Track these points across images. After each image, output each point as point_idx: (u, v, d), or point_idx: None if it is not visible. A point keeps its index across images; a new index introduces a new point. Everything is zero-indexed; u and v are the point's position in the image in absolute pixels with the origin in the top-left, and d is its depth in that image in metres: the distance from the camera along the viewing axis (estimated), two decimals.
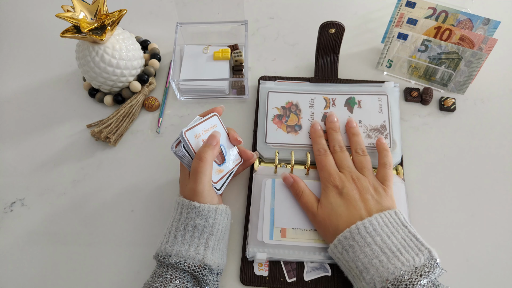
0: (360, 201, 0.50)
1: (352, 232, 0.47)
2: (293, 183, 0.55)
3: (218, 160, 0.53)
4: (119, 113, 0.65)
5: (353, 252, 0.46)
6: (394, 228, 0.47)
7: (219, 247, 0.49)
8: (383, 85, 0.64)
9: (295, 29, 0.75)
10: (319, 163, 0.56)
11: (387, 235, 0.46)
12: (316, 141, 0.58)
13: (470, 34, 0.60)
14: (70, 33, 0.59)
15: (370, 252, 0.45)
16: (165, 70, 0.72)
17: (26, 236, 0.58)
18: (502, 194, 0.58)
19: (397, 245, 0.45)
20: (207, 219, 0.48)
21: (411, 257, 0.44)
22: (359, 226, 0.47)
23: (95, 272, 0.55)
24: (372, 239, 0.46)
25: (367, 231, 0.47)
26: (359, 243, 0.46)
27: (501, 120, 0.64)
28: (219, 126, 0.54)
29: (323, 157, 0.56)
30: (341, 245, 0.48)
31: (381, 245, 0.45)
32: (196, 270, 0.46)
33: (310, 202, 0.53)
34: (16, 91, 0.71)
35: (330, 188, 0.52)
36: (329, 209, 0.51)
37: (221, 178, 0.53)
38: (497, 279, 0.52)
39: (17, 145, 0.66)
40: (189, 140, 0.50)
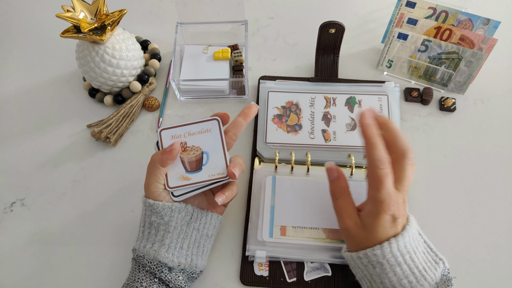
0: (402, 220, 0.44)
1: (384, 250, 0.43)
2: (335, 179, 0.48)
3: (190, 167, 0.49)
4: (119, 113, 0.65)
5: (381, 269, 0.43)
6: (417, 240, 0.45)
7: (180, 246, 0.48)
8: (383, 85, 0.64)
9: (295, 29, 0.75)
10: (378, 181, 0.43)
11: (414, 251, 0.44)
12: (374, 144, 0.43)
13: (470, 34, 0.60)
14: (70, 33, 0.59)
15: (400, 272, 0.43)
16: (165, 70, 0.72)
17: (26, 236, 0.58)
18: (502, 194, 0.58)
19: (422, 262, 0.44)
20: (162, 217, 0.47)
21: (433, 273, 0.44)
22: (393, 245, 0.43)
23: (95, 272, 0.55)
24: (403, 257, 0.43)
25: (399, 249, 0.43)
26: (389, 261, 0.43)
27: (501, 120, 0.64)
28: (214, 132, 0.50)
29: (385, 173, 0.43)
30: (367, 259, 0.44)
31: (410, 264, 0.43)
32: (152, 267, 0.46)
33: (347, 211, 0.46)
34: (16, 91, 0.71)
35: (384, 216, 0.43)
36: (372, 235, 0.44)
37: (182, 186, 0.48)
38: (497, 279, 0.52)
39: (17, 145, 0.66)
40: (162, 139, 0.49)
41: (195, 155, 0.49)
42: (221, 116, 0.50)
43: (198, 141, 0.50)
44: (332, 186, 0.48)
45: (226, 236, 0.56)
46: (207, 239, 0.51)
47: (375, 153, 0.43)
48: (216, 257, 0.55)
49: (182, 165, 0.49)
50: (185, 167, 0.49)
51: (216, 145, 0.49)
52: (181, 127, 0.50)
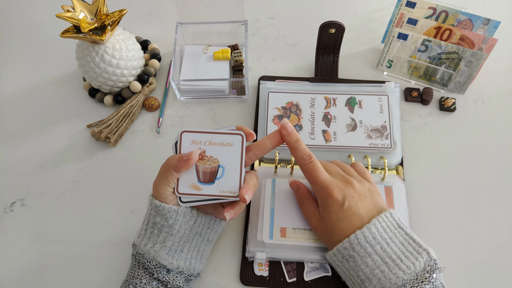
0: (362, 209, 0.47)
1: (351, 242, 0.45)
2: (296, 189, 0.54)
3: (204, 177, 0.48)
4: (119, 113, 0.65)
5: (354, 262, 0.45)
6: (392, 232, 0.46)
7: (181, 249, 0.48)
8: (383, 85, 0.64)
9: (295, 29, 0.75)
10: (309, 174, 0.48)
11: (386, 242, 0.45)
12: (295, 146, 0.48)
13: (470, 34, 0.60)
14: (70, 33, 0.59)
15: (371, 262, 0.44)
16: (165, 70, 0.72)
17: (26, 236, 0.58)
18: (502, 194, 0.58)
19: (396, 251, 0.45)
20: (167, 219, 0.47)
21: (411, 262, 0.44)
22: (359, 236, 0.45)
23: (95, 272, 0.55)
24: (372, 248, 0.45)
25: (367, 240, 0.45)
26: (359, 253, 0.45)
27: (501, 120, 0.64)
28: (236, 148, 0.47)
29: (311, 165, 0.48)
30: (340, 255, 0.46)
31: (381, 254, 0.44)
32: (151, 266, 0.46)
33: (311, 212, 0.51)
34: (16, 91, 0.71)
35: (329, 202, 0.47)
36: (330, 224, 0.48)
37: (191, 194, 0.47)
38: (497, 279, 0.52)
39: (17, 145, 0.66)
40: (182, 141, 0.47)
41: (211, 167, 0.48)
42: (246, 133, 0.48)
43: (217, 153, 0.48)
44: (297, 195, 0.54)
45: (226, 236, 0.56)
46: (207, 243, 0.51)
47: (298, 153, 0.48)
48: (216, 257, 0.55)
49: (196, 173, 0.48)
50: (198, 176, 0.48)
51: (234, 162, 0.48)
52: (203, 134, 0.48)
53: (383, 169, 0.57)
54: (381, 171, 0.58)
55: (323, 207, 0.48)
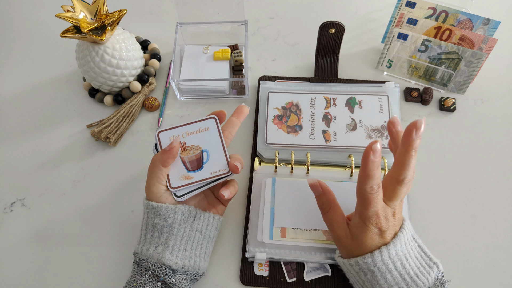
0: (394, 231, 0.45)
1: (374, 259, 0.44)
2: (321, 194, 0.48)
3: (191, 166, 0.49)
4: (119, 113, 0.65)
5: (372, 276, 0.44)
6: (409, 246, 0.46)
7: (184, 248, 0.48)
8: (383, 85, 0.64)
9: (295, 29, 0.75)
10: (367, 201, 0.43)
11: (405, 257, 0.44)
12: (372, 175, 0.43)
13: (470, 34, 0.60)
14: (70, 33, 0.59)
15: (391, 279, 0.44)
16: (165, 70, 0.72)
17: (26, 236, 0.58)
18: (502, 194, 0.58)
19: (413, 268, 0.44)
20: (166, 219, 0.47)
21: (426, 278, 0.44)
22: (383, 254, 0.43)
23: (95, 273, 0.55)
24: (394, 264, 0.44)
25: (390, 257, 0.44)
26: (380, 269, 0.44)
27: (501, 120, 0.64)
28: (212, 131, 0.50)
29: (375, 195, 0.43)
30: (358, 266, 0.45)
31: (401, 271, 0.44)
32: (156, 270, 0.46)
33: (337, 222, 0.47)
34: (16, 91, 0.71)
35: (371, 229, 0.44)
36: (361, 246, 0.45)
37: (184, 185, 0.48)
38: (497, 279, 0.52)
39: (17, 145, 0.66)
40: (160, 140, 0.50)
41: (195, 154, 0.49)
42: (217, 114, 0.51)
43: (197, 140, 0.50)
44: (319, 200, 0.48)
45: (226, 236, 0.56)
46: (209, 240, 0.51)
47: (369, 183, 0.43)
48: (216, 257, 0.55)
49: (183, 165, 0.49)
50: (186, 167, 0.49)
51: (215, 143, 0.50)
52: (178, 128, 0.50)
53: (383, 169, 0.57)
54: (381, 171, 0.58)
55: (361, 228, 0.44)
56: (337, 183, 0.56)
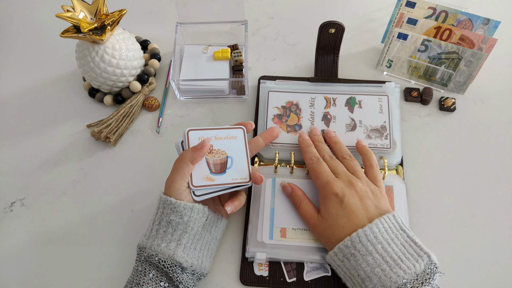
0: (362, 208, 0.48)
1: (353, 240, 0.46)
2: (291, 192, 0.54)
3: (215, 169, 0.51)
4: (119, 113, 0.65)
5: (355, 261, 0.46)
6: (394, 233, 0.47)
7: (194, 247, 0.49)
8: (383, 85, 0.64)
9: (295, 29, 0.75)
10: (314, 171, 0.52)
11: (388, 242, 0.46)
12: (306, 150, 0.55)
13: (470, 34, 0.60)
14: (70, 33, 0.59)
15: (372, 261, 0.45)
16: (165, 70, 0.72)
17: (26, 236, 0.58)
18: (502, 194, 0.58)
19: (397, 252, 0.45)
20: (182, 216, 0.48)
21: (412, 264, 0.44)
22: (360, 234, 0.46)
23: (95, 272, 0.55)
24: (374, 247, 0.45)
25: (368, 239, 0.46)
26: (360, 251, 0.45)
27: (501, 120, 0.64)
28: (239, 140, 0.53)
29: (317, 164, 0.53)
30: (341, 253, 0.47)
31: (382, 253, 0.45)
32: (166, 266, 0.46)
33: (309, 213, 0.52)
34: (16, 91, 0.71)
35: (329, 197, 0.49)
36: (330, 220, 0.49)
37: (205, 186, 0.50)
38: (497, 279, 0.52)
39: (17, 145, 0.66)
40: (189, 139, 0.51)
41: (220, 158, 0.51)
42: (245, 125, 0.54)
43: (223, 146, 0.52)
44: (291, 198, 0.54)
45: (226, 236, 0.56)
46: (215, 242, 0.53)
47: (308, 155, 0.55)
48: (216, 257, 0.55)
49: (207, 166, 0.50)
50: (209, 168, 0.51)
51: (240, 152, 0.52)
52: (208, 130, 0.52)
53: (383, 169, 0.57)
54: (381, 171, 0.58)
55: (323, 202, 0.50)
56: None
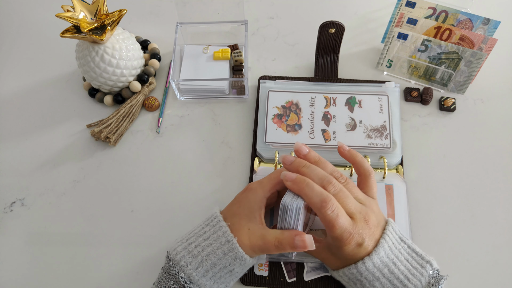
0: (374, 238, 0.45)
1: (359, 269, 0.44)
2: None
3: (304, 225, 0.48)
4: (119, 113, 0.65)
5: (361, 285, 0.45)
6: (397, 249, 0.45)
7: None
8: (383, 85, 0.64)
9: (295, 29, 0.75)
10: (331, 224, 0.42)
11: (393, 262, 0.44)
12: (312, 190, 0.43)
13: (470, 34, 0.60)
14: (70, 33, 0.59)
15: (380, 286, 0.44)
16: (165, 70, 0.72)
17: (26, 236, 0.58)
18: (502, 194, 0.58)
19: (403, 271, 0.44)
20: (243, 269, 0.46)
21: (418, 279, 0.44)
22: (367, 264, 0.43)
23: (95, 272, 0.55)
24: (380, 272, 0.44)
25: (375, 266, 0.44)
26: (367, 278, 0.44)
27: (501, 120, 0.64)
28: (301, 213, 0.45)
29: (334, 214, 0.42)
30: (347, 277, 0.46)
31: (389, 277, 0.44)
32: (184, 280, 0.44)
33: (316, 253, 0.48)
34: (16, 91, 0.71)
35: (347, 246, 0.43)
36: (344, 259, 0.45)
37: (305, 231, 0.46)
38: (497, 279, 0.52)
39: (17, 145, 0.66)
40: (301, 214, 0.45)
41: None
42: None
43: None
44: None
45: None
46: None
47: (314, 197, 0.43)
48: None
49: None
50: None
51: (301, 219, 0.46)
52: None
53: (383, 169, 0.57)
54: (381, 170, 0.58)
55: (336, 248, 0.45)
56: None
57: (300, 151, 0.48)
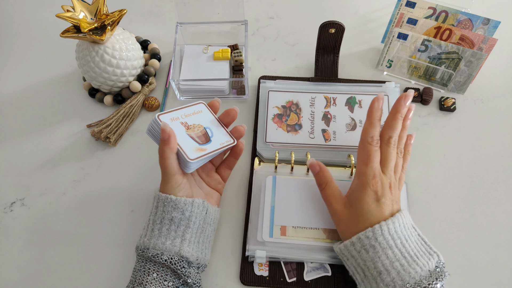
0: (390, 208, 0.48)
1: (375, 232, 0.45)
2: (318, 171, 0.52)
3: (200, 140, 0.51)
4: (119, 113, 0.65)
5: (374, 253, 0.45)
6: (409, 231, 0.47)
7: (197, 240, 0.50)
8: (383, 85, 0.64)
9: (295, 29, 0.75)
10: (366, 155, 0.48)
11: (405, 238, 0.46)
12: (374, 124, 0.49)
13: (470, 34, 0.60)
14: (70, 33, 0.59)
15: (392, 255, 0.45)
16: (165, 70, 0.72)
17: (26, 236, 0.58)
18: (502, 194, 0.58)
19: (413, 249, 0.46)
20: (184, 212, 0.48)
21: (426, 261, 0.45)
22: (383, 228, 0.45)
23: (95, 272, 0.55)
24: (394, 241, 0.45)
25: (389, 233, 0.45)
26: (381, 244, 0.45)
27: (501, 120, 0.64)
28: (205, 112, 0.55)
29: (374, 149, 0.48)
30: (360, 244, 0.46)
31: (401, 249, 0.45)
32: (173, 262, 0.46)
33: (334, 196, 0.50)
34: (16, 91, 0.71)
35: (368, 191, 0.47)
36: (357, 212, 0.48)
37: (200, 157, 0.50)
38: (497, 279, 0.52)
39: (17, 145, 0.66)
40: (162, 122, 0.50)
41: (200, 130, 0.52)
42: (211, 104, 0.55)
43: (196, 121, 0.53)
44: (317, 178, 0.53)
45: (226, 236, 0.56)
46: (213, 232, 0.53)
47: (371, 131, 0.49)
48: (216, 257, 0.55)
49: (194, 140, 0.51)
50: (197, 142, 0.51)
51: (212, 121, 0.54)
52: (175, 111, 0.52)
53: None
54: None
55: (358, 192, 0.48)
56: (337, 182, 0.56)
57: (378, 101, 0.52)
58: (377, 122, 0.49)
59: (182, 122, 0.52)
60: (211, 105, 0.55)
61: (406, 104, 0.50)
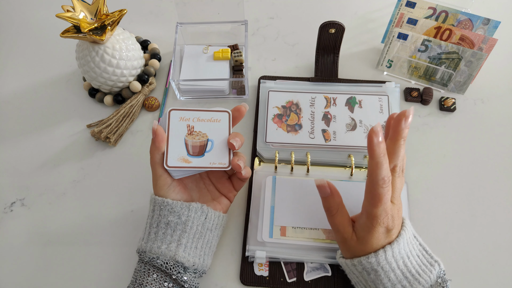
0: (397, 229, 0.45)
1: (378, 258, 0.44)
2: (329, 196, 0.46)
3: (193, 151, 0.49)
4: (119, 113, 0.65)
5: (376, 276, 0.44)
6: (411, 244, 0.46)
7: (195, 246, 0.49)
8: (383, 85, 0.64)
9: (295, 29, 0.75)
10: (377, 197, 0.42)
11: (407, 255, 0.45)
12: (380, 163, 0.42)
13: (470, 34, 0.60)
14: (70, 33, 0.59)
15: (394, 277, 0.44)
16: (165, 70, 0.72)
17: (26, 236, 0.58)
18: (502, 194, 0.58)
19: (415, 266, 0.45)
20: (180, 216, 0.48)
21: (428, 276, 0.44)
22: (387, 253, 0.44)
23: (95, 272, 0.55)
24: (396, 263, 0.44)
25: (393, 256, 0.44)
26: (384, 268, 0.44)
27: (501, 120, 0.64)
28: (223, 124, 0.50)
29: (386, 190, 0.43)
30: (361, 266, 0.45)
31: (403, 269, 0.44)
32: (169, 267, 0.46)
33: (343, 226, 0.46)
34: (16, 91, 0.71)
35: (378, 227, 0.43)
36: (366, 245, 0.45)
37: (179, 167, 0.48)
38: (497, 279, 0.52)
39: (17, 145, 0.66)
40: (170, 118, 0.49)
41: (200, 141, 0.49)
42: (237, 108, 0.51)
43: (205, 128, 0.50)
44: (327, 203, 0.47)
45: (226, 236, 0.56)
46: (217, 239, 0.52)
47: (380, 173, 0.42)
48: (216, 257, 0.55)
49: (185, 147, 0.49)
50: (187, 150, 0.49)
51: (222, 136, 0.50)
52: (191, 111, 0.50)
53: None
54: None
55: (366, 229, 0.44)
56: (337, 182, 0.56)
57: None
58: (383, 159, 0.42)
59: (189, 125, 0.50)
60: (237, 110, 0.51)
61: (407, 125, 0.45)
